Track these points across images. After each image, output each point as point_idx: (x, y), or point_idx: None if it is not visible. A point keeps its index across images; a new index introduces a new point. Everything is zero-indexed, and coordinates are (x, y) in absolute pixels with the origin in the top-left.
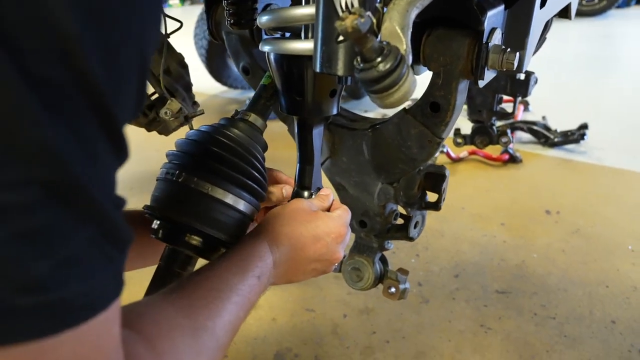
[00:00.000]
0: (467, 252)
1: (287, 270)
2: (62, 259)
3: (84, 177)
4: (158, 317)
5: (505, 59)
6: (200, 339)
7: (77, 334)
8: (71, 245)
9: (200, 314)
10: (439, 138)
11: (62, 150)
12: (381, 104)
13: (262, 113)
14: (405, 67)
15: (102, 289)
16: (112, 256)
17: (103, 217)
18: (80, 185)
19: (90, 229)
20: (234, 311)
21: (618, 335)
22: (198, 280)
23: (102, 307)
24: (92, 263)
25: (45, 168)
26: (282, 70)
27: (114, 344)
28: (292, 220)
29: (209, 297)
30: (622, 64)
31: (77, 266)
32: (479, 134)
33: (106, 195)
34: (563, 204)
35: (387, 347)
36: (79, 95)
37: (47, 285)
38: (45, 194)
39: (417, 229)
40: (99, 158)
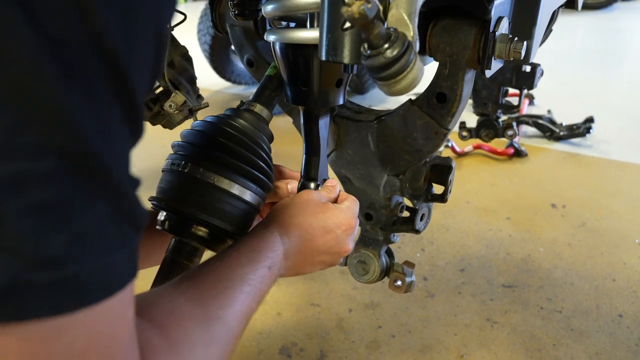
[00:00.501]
0: (472, 246)
1: (297, 262)
2: (78, 233)
3: (101, 147)
4: (169, 306)
5: (513, 48)
6: (212, 328)
7: (92, 314)
8: (87, 219)
9: (211, 303)
10: (445, 129)
11: (79, 117)
12: (388, 91)
13: (267, 104)
14: (412, 53)
15: (118, 268)
16: (128, 235)
17: (119, 193)
18: (97, 155)
19: (106, 204)
20: (245, 301)
21: (625, 329)
22: (208, 271)
23: (118, 288)
24: (108, 240)
25: (61, 135)
26: (288, 60)
27: (129, 329)
28: (302, 211)
29: (220, 287)
30: (628, 58)
31: (93, 242)
32: (485, 127)
33: (122, 170)
34: (569, 198)
35: (392, 342)
36: (95, 57)
37: (62, 261)
38: (61, 163)
39: (424, 221)
40: (114, 128)
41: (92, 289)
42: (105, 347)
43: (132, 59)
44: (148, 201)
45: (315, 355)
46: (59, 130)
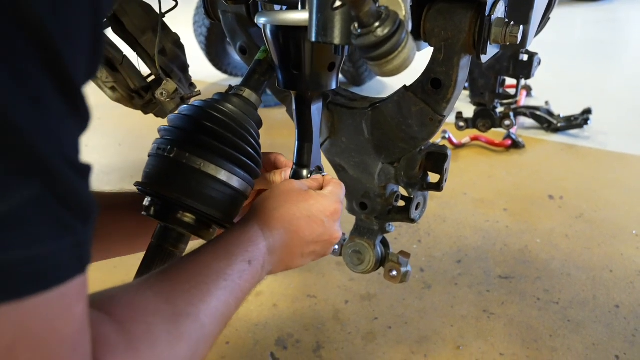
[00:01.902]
0: (469, 238)
1: (284, 256)
2: (1, 216)
3: (26, 124)
4: (133, 300)
5: (509, 32)
6: (181, 325)
7: (21, 307)
8: (9, 202)
9: (181, 299)
10: (440, 115)
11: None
12: (380, 71)
13: (256, 88)
14: (404, 32)
15: (56, 259)
16: (70, 225)
17: (52, 175)
18: (18, 131)
19: (34, 186)
20: (221, 297)
21: (622, 319)
22: (182, 266)
23: (57, 281)
24: (39, 227)
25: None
26: (279, 43)
27: (76, 325)
28: (283, 202)
29: (192, 282)
30: (626, 49)
31: (19, 228)
32: (482, 117)
33: (58, 152)
34: (566, 189)
35: (389, 333)
36: (20, 33)
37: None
38: None
39: (419, 210)
40: (45, 105)
41: (19, 279)
42: (41, 343)
43: (60, 30)
44: (134, 186)
45: (311, 346)
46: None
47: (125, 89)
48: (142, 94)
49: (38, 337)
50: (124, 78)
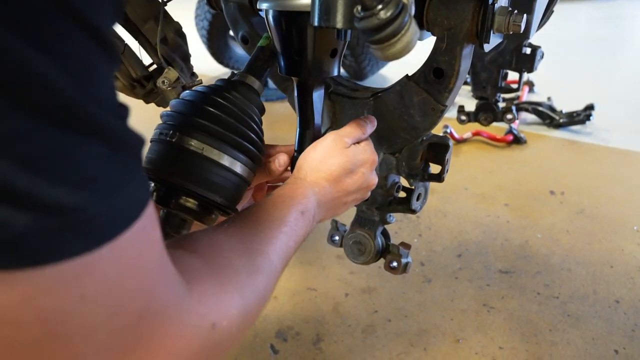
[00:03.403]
0: (470, 232)
1: (331, 207)
2: (76, 180)
3: (74, 93)
4: (211, 240)
5: (512, 21)
6: (255, 260)
7: (116, 246)
8: (81, 165)
9: (252, 240)
10: (442, 105)
11: (45, 74)
12: (382, 55)
13: (259, 75)
14: (407, 16)
15: (129, 199)
16: (129, 164)
17: (106, 130)
18: (73, 105)
19: (99, 142)
20: (284, 240)
21: (622, 314)
22: (247, 215)
23: (135, 216)
24: (111, 176)
25: (27, 94)
26: (281, 28)
27: (158, 250)
28: (327, 157)
29: (259, 227)
30: (630, 45)
31: (94, 184)
32: (483, 110)
33: (104, 106)
34: (568, 185)
35: (388, 326)
36: (63, 19)
37: (69, 205)
38: (35, 118)
39: (420, 201)
40: (87, 69)
41: (108, 224)
42: (138, 271)
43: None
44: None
45: (311, 339)
46: (25, 86)
47: (127, 78)
48: (144, 83)
49: (135, 267)
50: (126, 67)
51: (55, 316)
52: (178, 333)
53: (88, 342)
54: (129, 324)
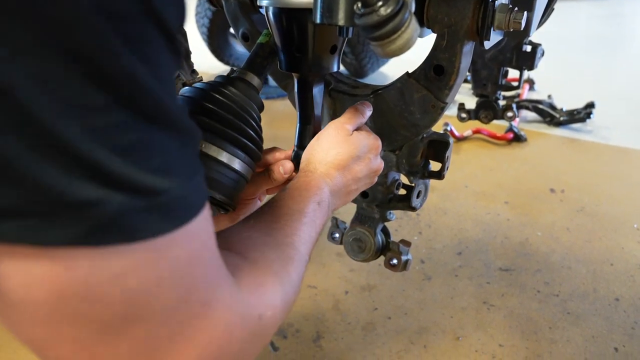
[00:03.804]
0: (470, 230)
1: (342, 194)
2: (160, 167)
3: (162, 95)
4: (243, 237)
5: (513, 18)
6: (285, 251)
7: (188, 230)
8: (165, 155)
9: (279, 233)
10: (442, 102)
11: (139, 76)
12: (382, 52)
13: (258, 71)
14: (407, 12)
15: (198, 189)
16: (195, 157)
17: (180, 126)
18: (158, 102)
19: (175, 138)
20: (306, 230)
21: (622, 312)
22: (269, 210)
23: (202, 205)
24: (184, 167)
25: (126, 93)
26: (282, 25)
27: (214, 243)
28: (332, 147)
29: (282, 220)
30: (630, 43)
31: (174, 172)
32: (484, 108)
33: (176, 104)
34: (568, 183)
35: (388, 323)
36: (150, 26)
37: (156, 190)
38: (130, 115)
39: (420, 198)
40: (166, 72)
41: (184, 209)
42: (203, 260)
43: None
44: None
45: (311, 336)
46: (124, 88)
47: None
48: None
49: (200, 251)
50: None
51: (138, 297)
52: (232, 323)
53: (162, 325)
54: (197, 312)
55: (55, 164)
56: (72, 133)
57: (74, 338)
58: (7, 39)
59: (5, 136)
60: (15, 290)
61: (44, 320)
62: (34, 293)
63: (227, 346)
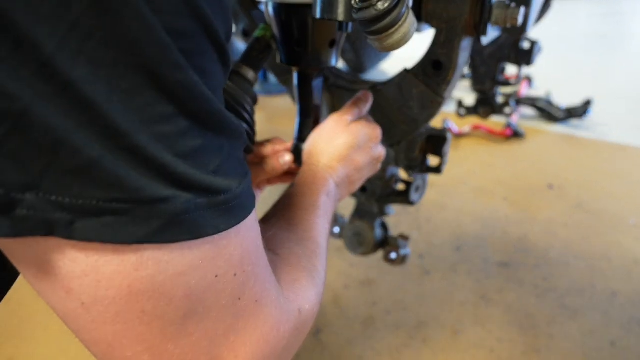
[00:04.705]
0: (469, 226)
1: (347, 185)
2: (219, 170)
3: (215, 103)
4: (269, 235)
5: (510, 14)
6: (308, 247)
7: (241, 229)
8: (222, 159)
9: (299, 228)
10: (440, 97)
11: (198, 87)
12: (380, 46)
13: (253, 65)
14: (404, 7)
15: (249, 190)
16: (243, 159)
17: (230, 131)
18: (214, 111)
19: (227, 143)
20: (322, 223)
21: (619, 307)
22: (282, 207)
23: (253, 205)
24: (238, 169)
25: (188, 102)
26: (281, 19)
27: (261, 237)
28: (333, 139)
29: (299, 216)
30: (630, 41)
31: (230, 173)
32: (482, 104)
33: (226, 111)
34: (566, 179)
35: (388, 318)
36: (205, 40)
37: (216, 189)
38: (192, 122)
39: (418, 193)
40: (218, 82)
41: (239, 209)
42: (253, 253)
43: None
44: None
45: (311, 330)
46: (186, 99)
47: None
48: None
49: (250, 249)
50: None
51: (198, 294)
52: (279, 319)
53: (219, 321)
54: (250, 310)
55: (133, 166)
56: (145, 139)
57: (139, 336)
58: (90, 57)
59: (92, 143)
60: (87, 289)
61: (113, 319)
62: (105, 291)
63: (275, 342)
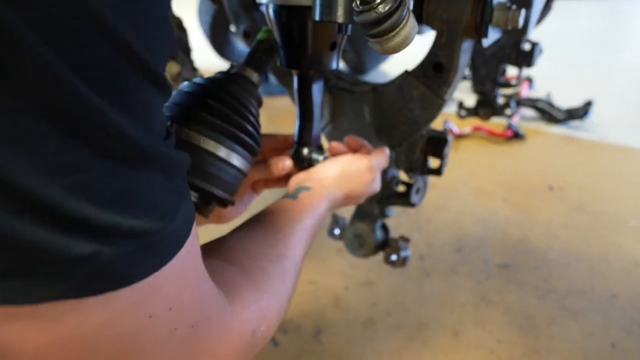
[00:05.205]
0: (469, 227)
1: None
2: (146, 210)
3: (140, 136)
4: (245, 248)
5: (511, 16)
6: (284, 265)
7: (174, 264)
8: (152, 195)
9: (280, 244)
10: (441, 99)
11: (117, 125)
12: (381, 49)
13: (257, 68)
14: (405, 10)
15: (184, 219)
16: (180, 188)
17: (163, 161)
18: (140, 146)
19: (157, 176)
20: (303, 243)
21: (619, 308)
22: (270, 219)
23: (189, 232)
24: (169, 203)
25: (106, 143)
26: (281, 22)
27: (201, 264)
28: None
29: (284, 232)
30: (630, 42)
31: (159, 211)
32: (483, 105)
33: (159, 139)
34: (566, 180)
35: (388, 319)
36: (126, 68)
37: (140, 234)
38: (113, 163)
39: (419, 195)
40: (147, 110)
41: (170, 245)
42: (191, 285)
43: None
44: None
45: (311, 331)
46: (112, 142)
47: None
48: None
49: (188, 279)
50: None
51: (128, 337)
52: (225, 340)
53: (154, 356)
54: (186, 336)
55: (41, 224)
56: (54, 192)
57: None
58: None
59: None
60: (2, 346)
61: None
62: (21, 347)
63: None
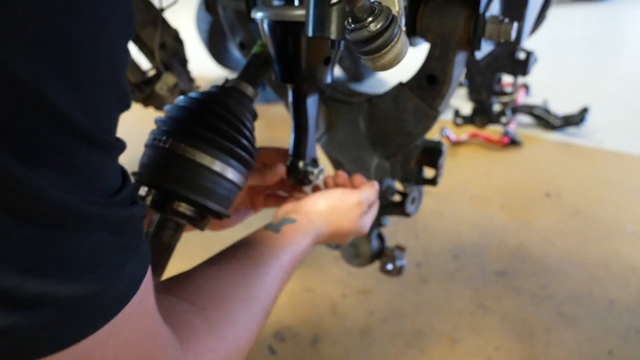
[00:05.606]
0: (466, 234)
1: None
2: (82, 273)
3: (74, 199)
4: (212, 287)
5: (503, 29)
6: (252, 308)
7: (114, 325)
8: (86, 259)
9: (253, 285)
10: (435, 111)
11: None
12: (373, 66)
13: (252, 81)
14: (397, 28)
15: (130, 275)
16: (128, 244)
17: (106, 220)
18: (73, 208)
19: (98, 235)
20: (277, 275)
21: (616, 315)
22: (246, 255)
23: (132, 293)
24: (111, 262)
25: (29, 209)
26: (276, 37)
27: (152, 317)
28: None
29: (260, 270)
30: (626, 48)
31: (98, 272)
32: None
33: (104, 196)
34: (563, 187)
35: (385, 327)
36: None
37: (74, 299)
38: (40, 228)
39: (414, 204)
40: (86, 171)
41: (109, 305)
42: (134, 343)
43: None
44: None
45: (308, 339)
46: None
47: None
48: (142, 88)
49: (131, 340)
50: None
51: None
52: None
53: None
54: None
55: None
56: None
57: None
58: None
59: None
60: None
61: None
62: None
63: None
